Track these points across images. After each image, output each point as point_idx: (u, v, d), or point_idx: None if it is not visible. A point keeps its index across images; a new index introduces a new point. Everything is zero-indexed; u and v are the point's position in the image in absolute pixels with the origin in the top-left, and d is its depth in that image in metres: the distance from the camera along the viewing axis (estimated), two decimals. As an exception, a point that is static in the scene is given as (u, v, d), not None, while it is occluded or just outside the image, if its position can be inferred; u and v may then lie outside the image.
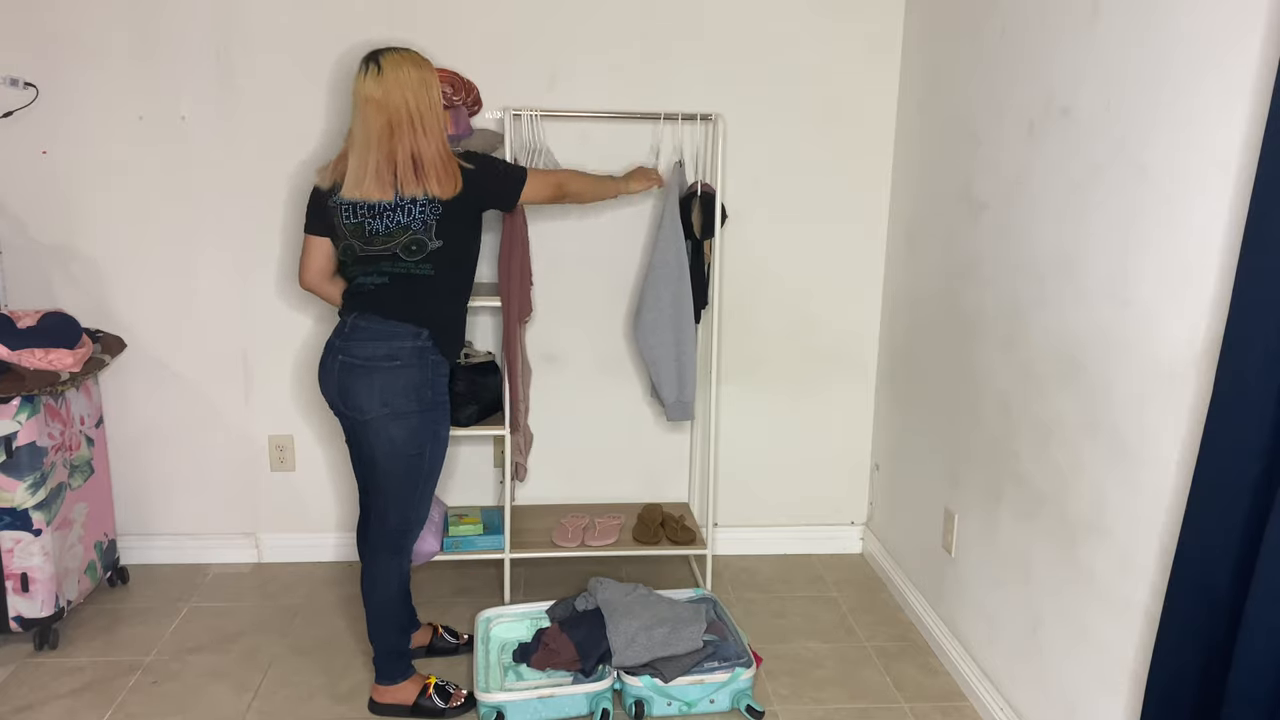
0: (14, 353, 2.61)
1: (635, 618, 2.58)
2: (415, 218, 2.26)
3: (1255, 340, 1.47)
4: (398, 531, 2.40)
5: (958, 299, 2.73)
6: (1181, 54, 1.76)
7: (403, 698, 2.47)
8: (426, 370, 2.31)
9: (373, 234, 2.27)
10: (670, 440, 3.41)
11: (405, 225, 2.27)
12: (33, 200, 3.02)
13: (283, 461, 3.27)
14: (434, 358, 2.32)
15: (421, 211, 2.26)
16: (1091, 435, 2.05)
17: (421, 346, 2.30)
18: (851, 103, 3.19)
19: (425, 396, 2.30)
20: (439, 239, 2.29)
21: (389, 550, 2.41)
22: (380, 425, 2.28)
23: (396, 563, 2.42)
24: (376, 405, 2.26)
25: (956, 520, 2.73)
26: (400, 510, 2.37)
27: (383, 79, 2.21)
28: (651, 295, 2.97)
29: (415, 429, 2.30)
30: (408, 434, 2.30)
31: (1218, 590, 1.57)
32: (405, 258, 2.29)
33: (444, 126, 2.30)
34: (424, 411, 2.31)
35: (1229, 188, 1.64)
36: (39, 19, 2.91)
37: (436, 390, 2.33)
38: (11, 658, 2.71)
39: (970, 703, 2.61)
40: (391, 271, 2.30)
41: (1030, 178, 2.32)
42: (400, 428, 2.29)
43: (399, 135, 2.22)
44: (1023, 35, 2.36)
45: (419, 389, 2.29)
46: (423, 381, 2.30)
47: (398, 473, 2.33)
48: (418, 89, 2.23)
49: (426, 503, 2.43)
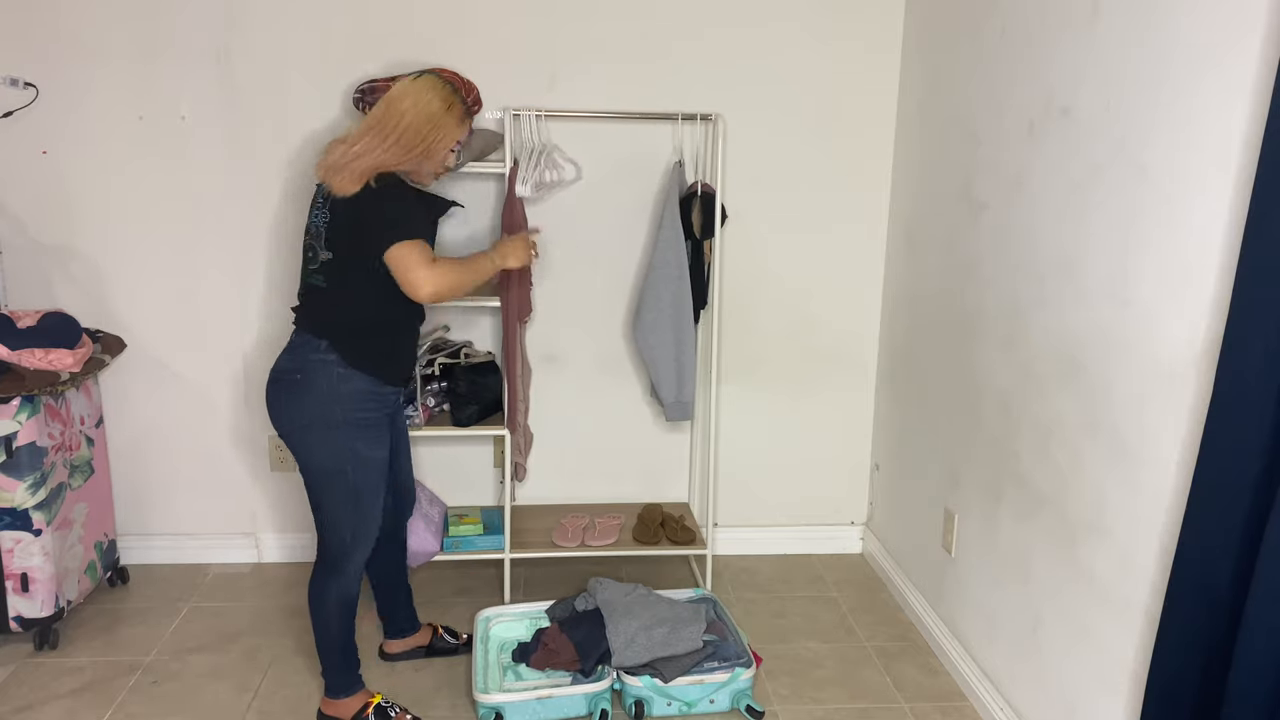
0: (14, 353, 2.61)
1: (635, 618, 2.58)
2: (318, 218, 2.21)
3: (1255, 340, 1.47)
4: (335, 553, 2.31)
5: (958, 299, 2.73)
6: (1181, 54, 1.76)
7: (343, 713, 2.42)
8: (332, 384, 2.19)
9: (306, 229, 2.27)
10: (670, 440, 3.41)
11: (313, 224, 2.23)
12: (33, 200, 3.02)
13: (283, 461, 3.27)
14: (340, 371, 2.19)
15: (320, 213, 2.21)
16: (1091, 435, 2.05)
17: (323, 360, 2.19)
18: (851, 103, 3.19)
19: (333, 413, 2.19)
20: (327, 250, 2.20)
21: (326, 570, 2.32)
22: (294, 442, 2.23)
23: (335, 583, 2.32)
24: (284, 420, 2.22)
25: (956, 520, 2.73)
26: (334, 531, 2.29)
27: (411, 84, 2.21)
28: (651, 295, 2.97)
29: (332, 447, 2.21)
30: (324, 452, 2.21)
31: (1218, 590, 1.57)
32: (310, 265, 2.25)
33: (410, 161, 2.20)
34: (337, 429, 2.20)
35: (1229, 188, 1.64)
36: (39, 19, 2.91)
37: (347, 407, 2.20)
38: (11, 658, 2.71)
39: (970, 703, 2.61)
40: (305, 279, 2.28)
41: (1030, 178, 2.32)
42: (314, 445, 2.21)
43: (368, 128, 2.17)
44: (1023, 35, 2.36)
45: (324, 405, 2.19)
46: (329, 397, 2.19)
47: (319, 490, 2.26)
48: (421, 112, 2.18)
49: (366, 525, 2.30)
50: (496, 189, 3.12)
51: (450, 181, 3.06)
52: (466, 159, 2.83)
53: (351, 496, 2.26)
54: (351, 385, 2.21)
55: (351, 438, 2.22)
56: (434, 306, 3.09)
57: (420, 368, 2.99)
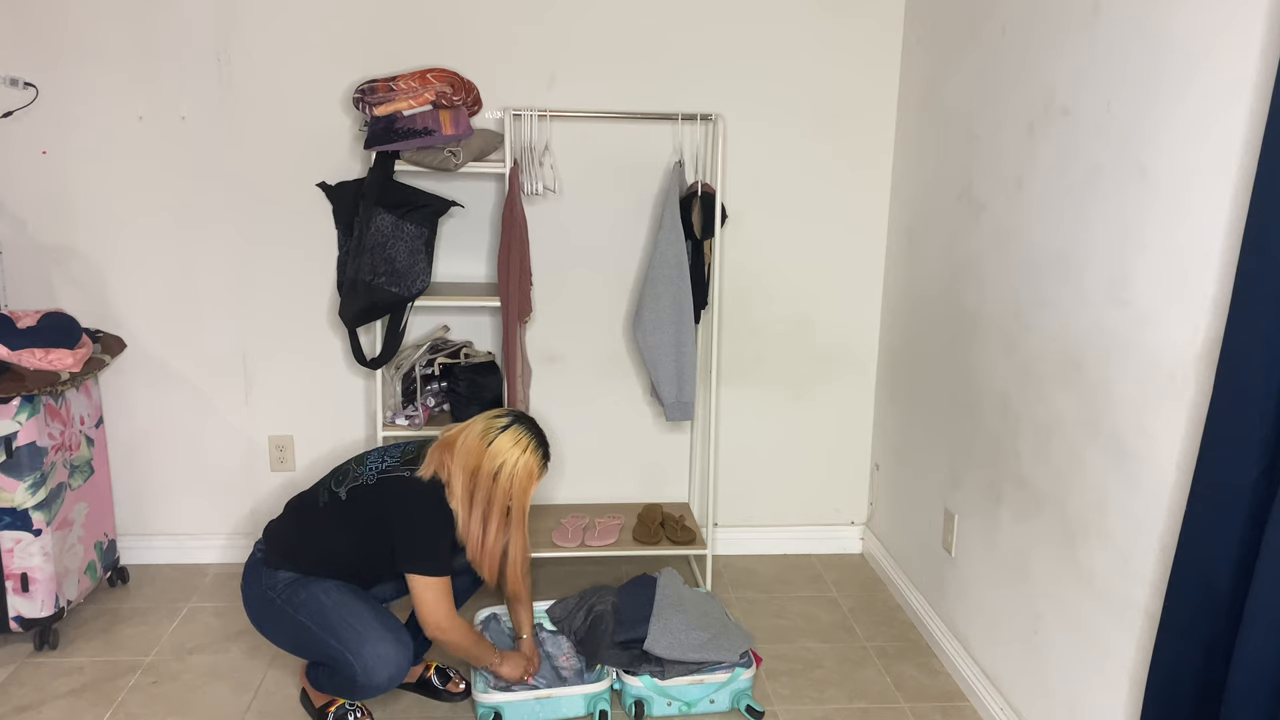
0: (14, 353, 2.61)
1: (684, 614, 2.58)
2: (371, 467, 2.35)
3: (1255, 340, 1.47)
4: (329, 665, 2.34)
5: (958, 299, 2.73)
6: (1181, 54, 1.76)
7: (316, 701, 2.46)
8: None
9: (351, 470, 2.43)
10: (670, 440, 3.41)
11: (364, 460, 2.40)
12: (33, 200, 3.02)
13: (283, 461, 3.27)
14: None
15: (378, 466, 2.35)
16: (1091, 435, 2.05)
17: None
18: (851, 103, 3.19)
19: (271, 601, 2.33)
20: (346, 494, 2.33)
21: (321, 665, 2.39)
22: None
23: (328, 673, 2.36)
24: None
25: (956, 520, 2.73)
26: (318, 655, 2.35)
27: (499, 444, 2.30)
28: (651, 295, 2.97)
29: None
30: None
31: (1218, 590, 1.57)
32: (334, 486, 2.37)
33: (481, 498, 2.30)
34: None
35: (1229, 188, 1.64)
36: (39, 19, 2.91)
37: (278, 593, 2.32)
38: (11, 658, 2.71)
39: (970, 703, 2.60)
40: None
41: (1030, 178, 2.32)
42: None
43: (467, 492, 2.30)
44: (1023, 35, 2.36)
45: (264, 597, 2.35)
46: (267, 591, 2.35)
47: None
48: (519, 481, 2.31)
49: (344, 637, 2.27)
50: (496, 189, 3.12)
51: (450, 181, 3.07)
52: (466, 159, 2.83)
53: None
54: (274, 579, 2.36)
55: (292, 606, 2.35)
56: (434, 307, 3.10)
57: (420, 368, 2.99)
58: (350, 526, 2.31)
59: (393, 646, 2.25)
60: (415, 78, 2.78)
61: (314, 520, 2.36)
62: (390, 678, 2.26)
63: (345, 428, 3.26)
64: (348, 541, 2.33)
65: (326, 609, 2.27)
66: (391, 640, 2.26)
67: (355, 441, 3.25)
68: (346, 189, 2.90)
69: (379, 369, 2.97)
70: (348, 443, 3.26)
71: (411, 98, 2.76)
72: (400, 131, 2.76)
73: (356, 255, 2.80)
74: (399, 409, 3.02)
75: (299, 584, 2.30)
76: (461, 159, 2.81)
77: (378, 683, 2.25)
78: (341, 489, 2.33)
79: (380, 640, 2.24)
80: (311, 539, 2.36)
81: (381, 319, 2.94)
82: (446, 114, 2.79)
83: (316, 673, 2.41)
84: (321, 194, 2.98)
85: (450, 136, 2.78)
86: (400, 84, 2.77)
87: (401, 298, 2.87)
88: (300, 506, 2.42)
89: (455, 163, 2.80)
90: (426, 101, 2.77)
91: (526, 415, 2.39)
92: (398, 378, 3.03)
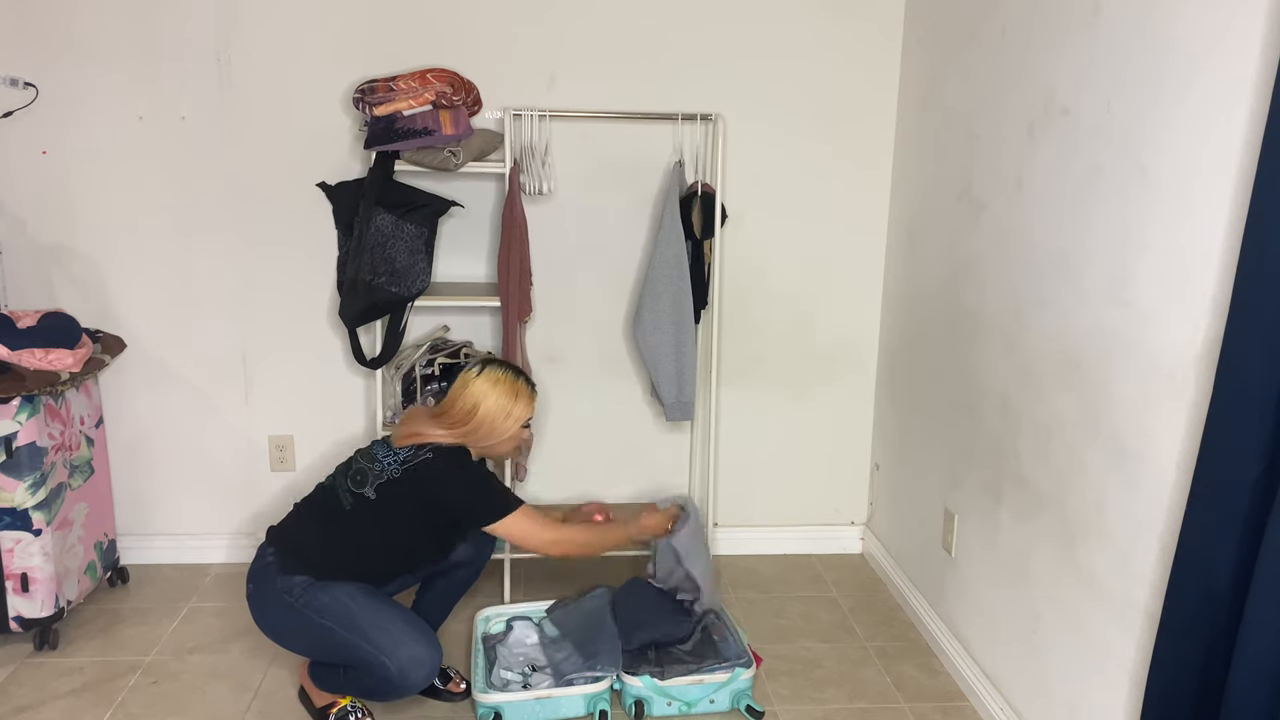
0: (14, 353, 2.61)
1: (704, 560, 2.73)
2: (382, 460, 2.35)
3: (1255, 340, 1.47)
4: (358, 668, 2.33)
5: (958, 299, 2.73)
6: (1181, 54, 1.76)
7: (317, 701, 2.45)
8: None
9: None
10: (670, 440, 3.41)
11: (371, 456, 2.39)
12: (33, 200, 3.02)
13: (283, 461, 3.27)
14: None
15: (392, 459, 2.34)
16: (1091, 435, 2.05)
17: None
18: (851, 103, 3.19)
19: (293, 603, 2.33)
20: (375, 492, 2.32)
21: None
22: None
23: (354, 676, 2.35)
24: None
25: (956, 520, 2.73)
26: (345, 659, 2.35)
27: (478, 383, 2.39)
28: (651, 295, 2.97)
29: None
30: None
31: (1218, 590, 1.57)
32: (355, 487, 2.36)
33: (484, 435, 2.39)
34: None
35: (1229, 188, 1.64)
36: (39, 19, 2.91)
37: (295, 597, 2.31)
38: (11, 658, 2.71)
39: (970, 703, 2.61)
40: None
41: (1030, 178, 2.32)
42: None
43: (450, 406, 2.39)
44: (1023, 35, 2.36)
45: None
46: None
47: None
48: (499, 406, 2.38)
49: (377, 640, 2.26)
50: (496, 189, 3.12)
51: (450, 181, 3.07)
52: (466, 159, 2.83)
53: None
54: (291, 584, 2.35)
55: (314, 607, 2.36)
56: (434, 307, 3.10)
57: (420, 367, 2.99)
58: (386, 521, 2.32)
59: (425, 648, 2.27)
60: (415, 78, 2.78)
61: (341, 522, 2.34)
62: (425, 677, 2.28)
63: (345, 428, 3.26)
64: (383, 537, 2.35)
65: (354, 612, 2.27)
66: (425, 642, 2.28)
67: (355, 441, 3.24)
68: (346, 189, 2.90)
69: (379, 369, 2.97)
70: (348, 443, 3.25)
71: (411, 98, 2.76)
72: (400, 131, 2.76)
73: (356, 255, 2.80)
74: (399, 409, 3.02)
75: (317, 587, 2.29)
76: (461, 159, 2.81)
77: (413, 682, 2.27)
78: (367, 489, 2.32)
79: (415, 642, 2.26)
80: (338, 541, 2.35)
81: (381, 319, 2.95)
82: (446, 114, 2.79)
83: (329, 674, 2.41)
84: (321, 194, 2.98)
85: (450, 136, 2.79)
86: (400, 84, 2.78)
87: (401, 298, 2.87)
88: (319, 510, 2.41)
89: (455, 163, 2.80)
90: (426, 101, 2.77)
91: (493, 357, 2.49)
92: (398, 378, 3.03)
